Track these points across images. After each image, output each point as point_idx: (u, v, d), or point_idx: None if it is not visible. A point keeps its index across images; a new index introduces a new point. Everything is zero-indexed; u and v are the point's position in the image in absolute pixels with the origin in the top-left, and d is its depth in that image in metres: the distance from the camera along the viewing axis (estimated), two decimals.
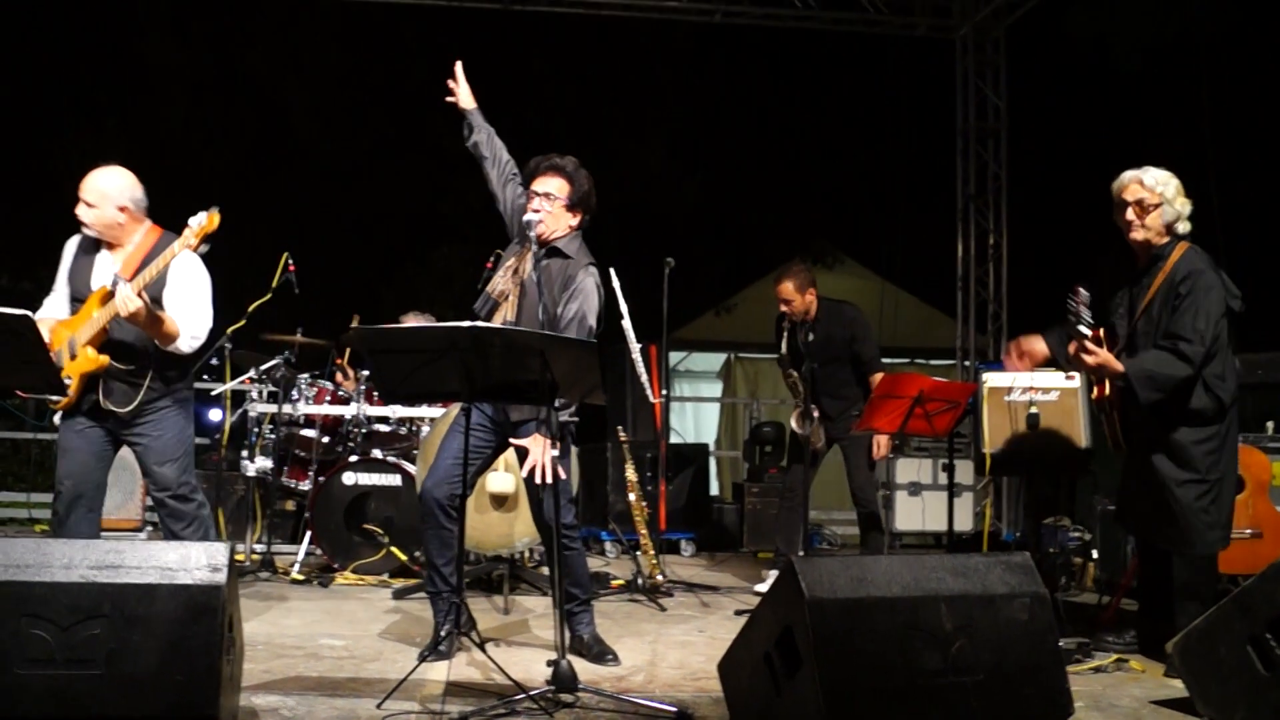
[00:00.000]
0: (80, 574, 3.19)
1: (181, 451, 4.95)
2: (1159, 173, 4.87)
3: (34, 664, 3.11)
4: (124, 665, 3.13)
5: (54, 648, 3.12)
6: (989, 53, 10.69)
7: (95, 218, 4.77)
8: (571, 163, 4.88)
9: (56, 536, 4.74)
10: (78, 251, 4.92)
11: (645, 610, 6.17)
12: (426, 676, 4.23)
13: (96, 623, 3.15)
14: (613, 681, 4.39)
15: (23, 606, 3.14)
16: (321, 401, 7.41)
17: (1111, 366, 4.73)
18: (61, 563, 3.22)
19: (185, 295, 4.82)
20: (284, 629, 5.29)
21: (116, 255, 4.86)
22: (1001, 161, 10.69)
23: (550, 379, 3.84)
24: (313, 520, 6.92)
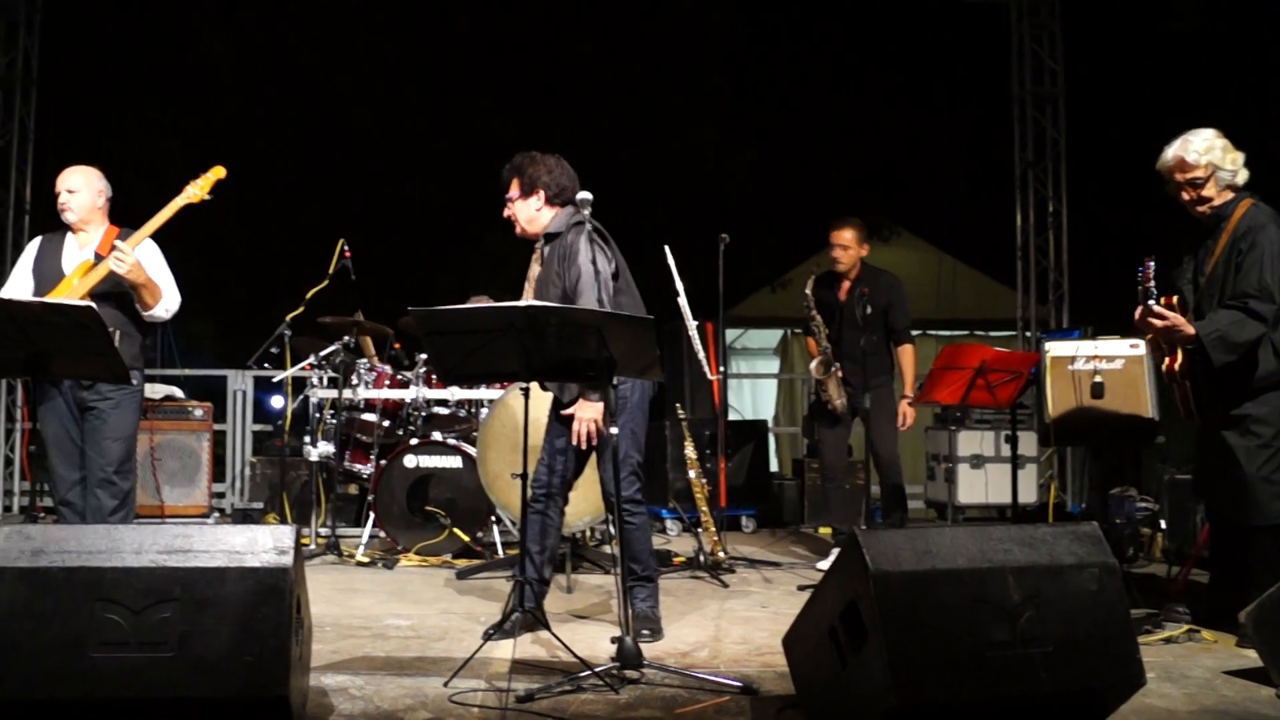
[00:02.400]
0: (150, 558, 3.24)
1: (132, 432, 5.36)
2: (1199, 141, 4.77)
3: (108, 647, 3.16)
4: (195, 647, 3.17)
5: (127, 631, 3.17)
6: (1044, 16, 10.50)
7: (79, 203, 5.31)
8: (520, 157, 4.98)
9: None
10: (41, 247, 5.41)
11: (708, 587, 6.17)
12: (492, 655, 4.25)
13: (168, 606, 3.19)
14: (677, 657, 4.40)
15: (96, 591, 3.19)
16: (381, 386, 7.46)
17: (1181, 330, 4.63)
18: (132, 548, 3.26)
19: (158, 269, 5.35)
20: (351, 610, 5.34)
21: (82, 241, 5.36)
22: (1060, 127, 10.51)
23: (607, 356, 3.84)
24: (375, 503, 6.99)
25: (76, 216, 5.31)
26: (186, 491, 8.32)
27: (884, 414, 6.72)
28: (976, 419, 8.92)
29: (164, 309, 5.32)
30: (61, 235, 5.39)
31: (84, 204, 5.31)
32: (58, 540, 3.28)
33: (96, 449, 5.19)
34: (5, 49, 10.03)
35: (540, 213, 4.90)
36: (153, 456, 8.14)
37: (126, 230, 5.38)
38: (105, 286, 5.10)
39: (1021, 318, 10.70)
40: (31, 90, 10.14)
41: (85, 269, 5.17)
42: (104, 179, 5.44)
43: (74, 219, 5.31)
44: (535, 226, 4.91)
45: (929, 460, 9.42)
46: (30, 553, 3.24)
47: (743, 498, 8.65)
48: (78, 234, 5.37)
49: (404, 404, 7.46)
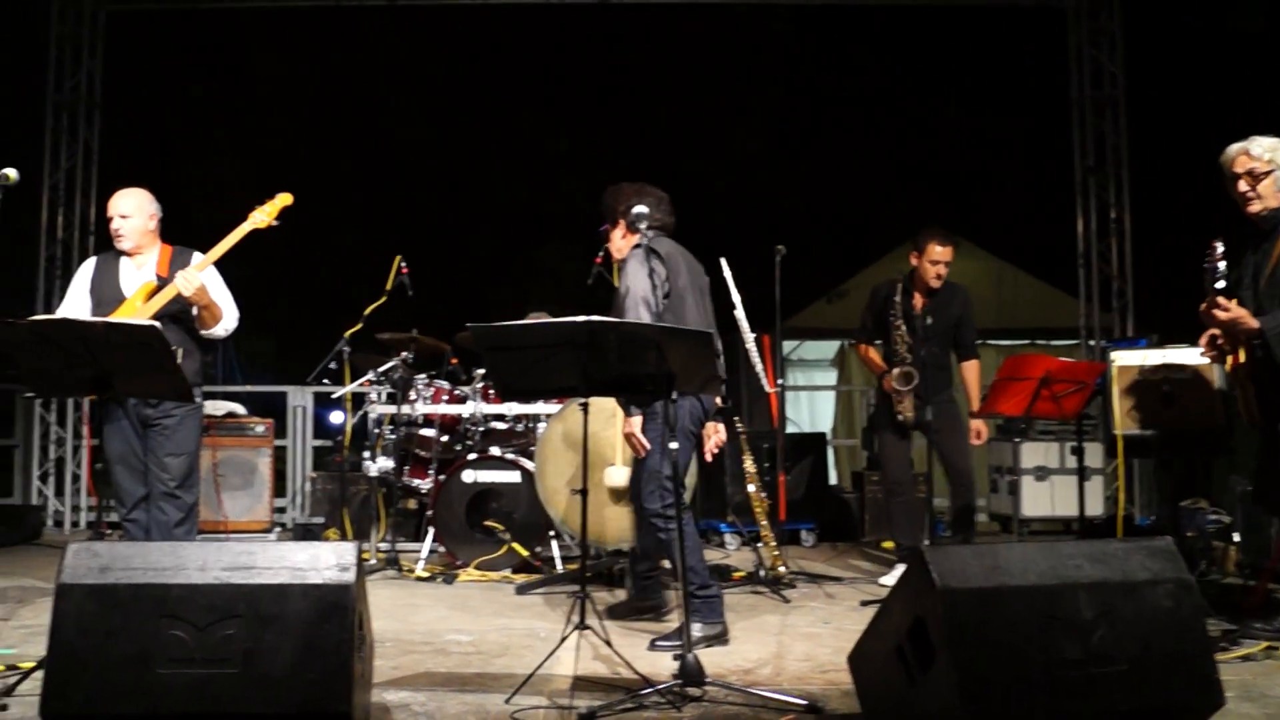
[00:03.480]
0: (215, 575, 3.25)
1: (194, 447, 5.43)
2: (1265, 140, 4.82)
3: (174, 663, 3.18)
4: (259, 664, 3.18)
5: (192, 647, 3.19)
6: (1103, 19, 10.36)
7: (131, 228, 5.38)
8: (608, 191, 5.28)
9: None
10: (97, 268, 5.49)
11: (768, 602, 6.11)
12: (554, 671, 4.23)
13: (232, 623, 3.20)
14: (740, 675, 4.35)
15: (162, 608, 3.21)
16: (439, 401, 7.48)
17: (1245, 323, 4.57)
18: (196, 564, 3.28)
19: (218, 290, 5.44)
20: (411, 626, 5.34)
21: (139, 263, 5.43)
22: (1120, 131, 10.34)
23: (667, 370, 3.81)
24: (435, 518, 7.01)
25: (131, 243, 5.40)
26: (249, 506, 8.39)
27: (955, 428, 6.60)
28: (1040, 430, 8.79)
29: (223, 328, 5.41)
30: (116, 256, 5.47)
31: (136, 228, 5.39)
32: (124, 557, 3.31)
33: (159, 465, 5.27)
34: (70, 73, 10.20)
35: (623, 241, 5.16)
36: (215, 472, 8.22)
37: (181, 249, 5.45)
38: (168, 307, 5.15)
39: (1084, 326, 10.54)
40: (95, 113, 10.30)
41: (148, 291, 5.24)
42: (154, 200, 5.50)
43: (128, 245, 5.40)
44: (620, 255, 5.14)
45: (992, 472, 9.30)
46: (98, 570, 3.28)
47: (802, 511, 8.58)
48: (133, 256, 5.44)
49: (462, 419, 7.47)
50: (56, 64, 10.23)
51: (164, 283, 5.23)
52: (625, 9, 10.44)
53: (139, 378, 4.31)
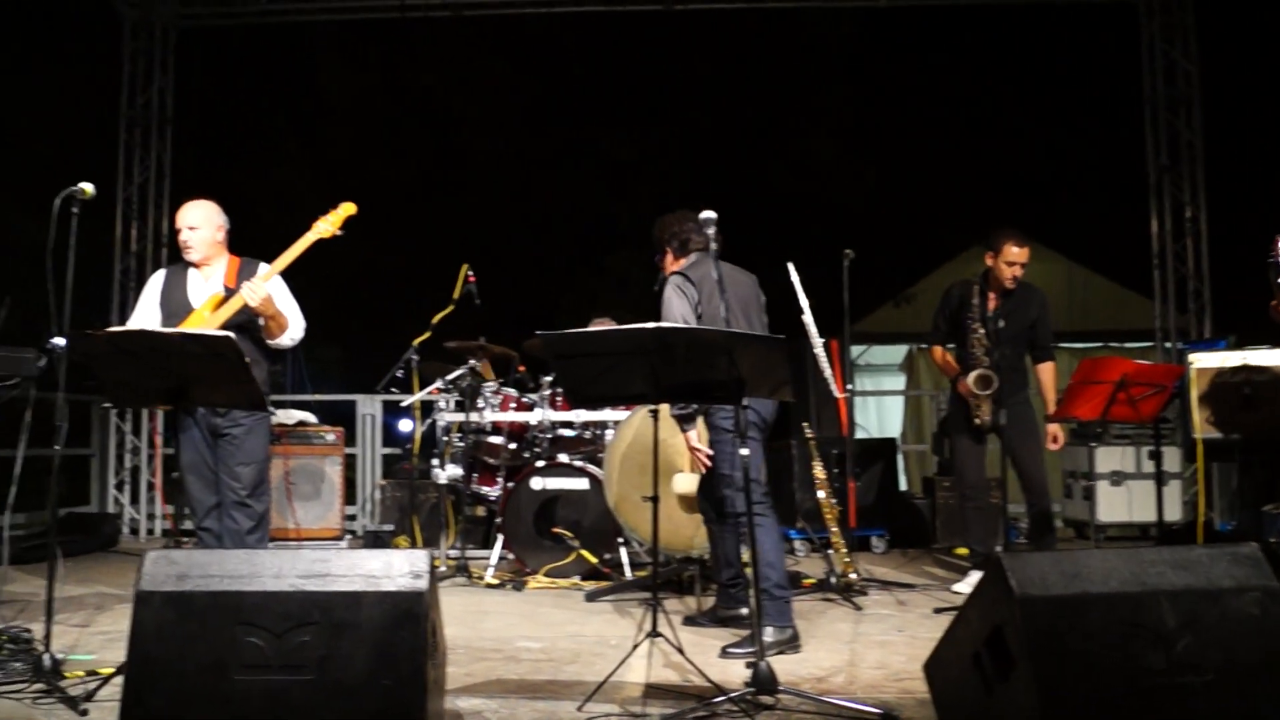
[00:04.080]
0: (290, 583, 3.27)
1: (264, 456, 5.46)
2: None
3: (250, 670, 3.21)
4: (334, 671, 3.20)
5: (268, 654, 3.21)
6: (1175, 14, 10.16)
7: (199, 239, 5.45)
8: (656, 224, 5.47)
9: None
10: (166, 280, 5.56)
11: (840, 609, 6.06)
12: (625, 679, 4.22)
13: (307, 630, 3.22)
14: (813, 683, 4.31)
15: (238, 615, 3.24)
16: (507, 408, 7.51)
17: None
18: (272, 572, 3.31)
19: (285, 300, 5.48)
20: (482, 632, 5.36)
21: (207, 274, 5.49)
22: (1195, 129, 10.14)
23: (737, 376, 3.79)
24: (503, 525, 7.03)
25: (199, 255, 5.46)
26: (320, 514, 8.46)
27: (1029, 432, 6.49)
28: (1116, 434, 8.64)
29: (289, 338, 5.47)
30: (184, 268, 5.53)
31: (204, 240, 5.45)
32: (201, 565, 3.34)
33: (230, 474, 5.32)
34: (142, 89, 10.38)
35: (672, 267, 5.29)
36: (287, 480, 8.30)
37: (248, 260, 5.51)
38: (235, 318, 5.21)
39: (1159, 328, 10.36)
40: (167, 128, 10.49)
41: (216, 302, 5.29)
42: (221, 212, 5.56)
43: (196, 257, 5.46)
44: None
45: (1066, 477, 9.16)
46: (176, 577, 3.31)
47: (872, 517, 8.51)
48: (201, 267, 5.50)
49: (530, 426, 7.49)
50: (129, 80, 10.43)
51: (230, 293, 5.28)
52: (691, 15, 10.42)
53: (214, 387, 4.36)
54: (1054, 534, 6.74)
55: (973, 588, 6.14)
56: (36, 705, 3.90)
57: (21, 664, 4.36)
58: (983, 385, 6.42)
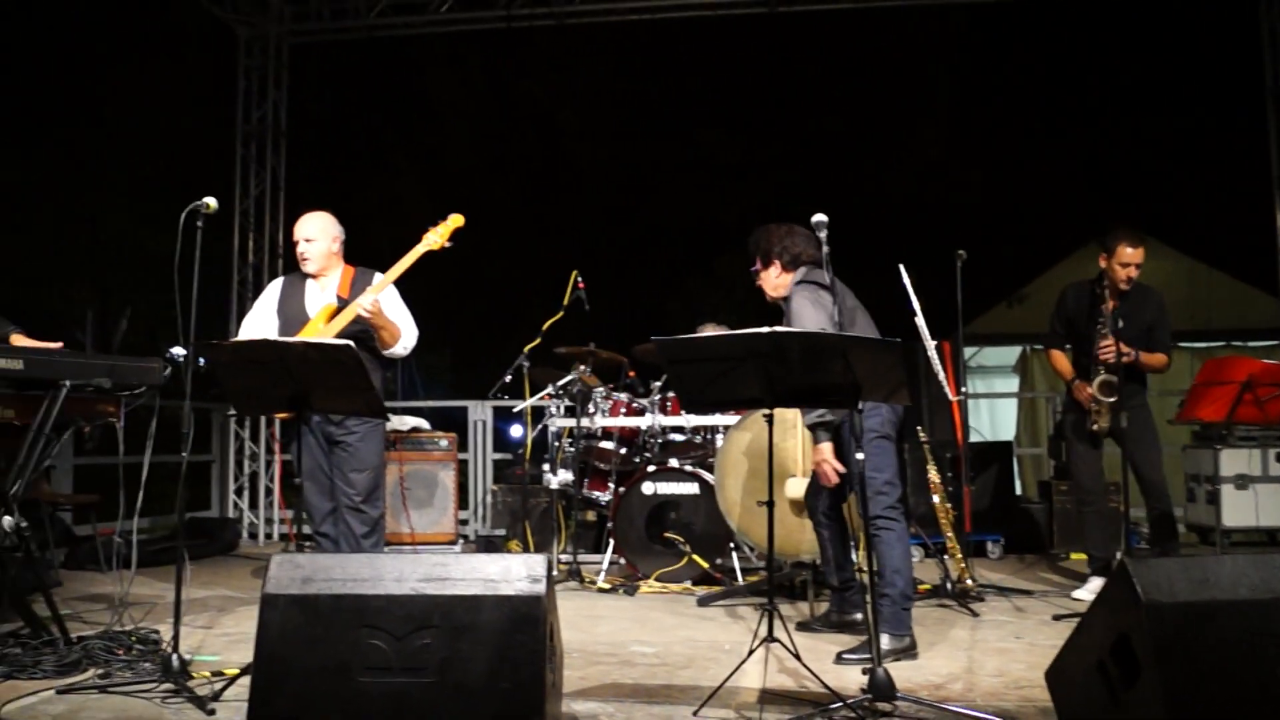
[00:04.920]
0: (411, 586, 3.33)
1: (378, 462, 5.55)
2: None
3: (373, 672, 3.27)
4: (454, 673, 3.24)
5: (390, 656, 3.27)
6: None
7: (315, 251, 5.59)
8: (756, 232, 5.41)
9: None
10: (283, 289, 5.70)
11: (956, 615, 5.97)
12: (740, 684, 4.20)
13: (428, 633, 3.27)
14: (930, 690, 4.25)
15: (361, 618, 3.30)
16: (617, 413, 7.54)
17: None
18: (393, 576, 3.36)
19: (397, 310, 5.58)
20: (595, 637, 5.38)
21: (322, 284, 5.62)
22: None
23: (853, 379, 3.76)
24: (615, 530, 7.06)
25: (315, 266, 5.60)
26: (434, 519, 8.57)
27: (1146, 435, 6.34)
28: (1241, 436, 8.38)
29: (402, 346, 5.56)
30: (301, 278, 5.68)
31: (320, 252, 5.59)
32: (325, 569, 3.41)
33: (345, 480, 5.44)
34: (257, 104, 10.64)
35: (780, 279, 5.25)
36: (402, 486, 8.43)
37: (362, 270, 5.63)
38: (349, 328, 5.31)
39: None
40: (281, 141, 10.73)
41: (330, 312, 5.42)
42: (337, 223, 5.69)
43: (313, 268, 5.61)
44: (779, 292, 5.26)
45: (1189, 481, 8.91)
46: (300, 580, 3.39)
47: (988, 522, 8.37)
48: (317, 278, 5.64)
49: (640, 431, 7.52)
50: (245, 96, 10.71)
51: (344, 304, 5.40)
52: (795, 17, 10.37)
53: (334, 395, 4.45)
54: (1177, 539, 6.56)
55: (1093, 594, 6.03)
56: (165, 704, 4.00)
57: (150, 664, 4.50)
58: (1107, 392, 6.28)
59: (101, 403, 5.13)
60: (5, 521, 4.55)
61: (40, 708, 3.98)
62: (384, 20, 10.54)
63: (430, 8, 10.41)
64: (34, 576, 5.06)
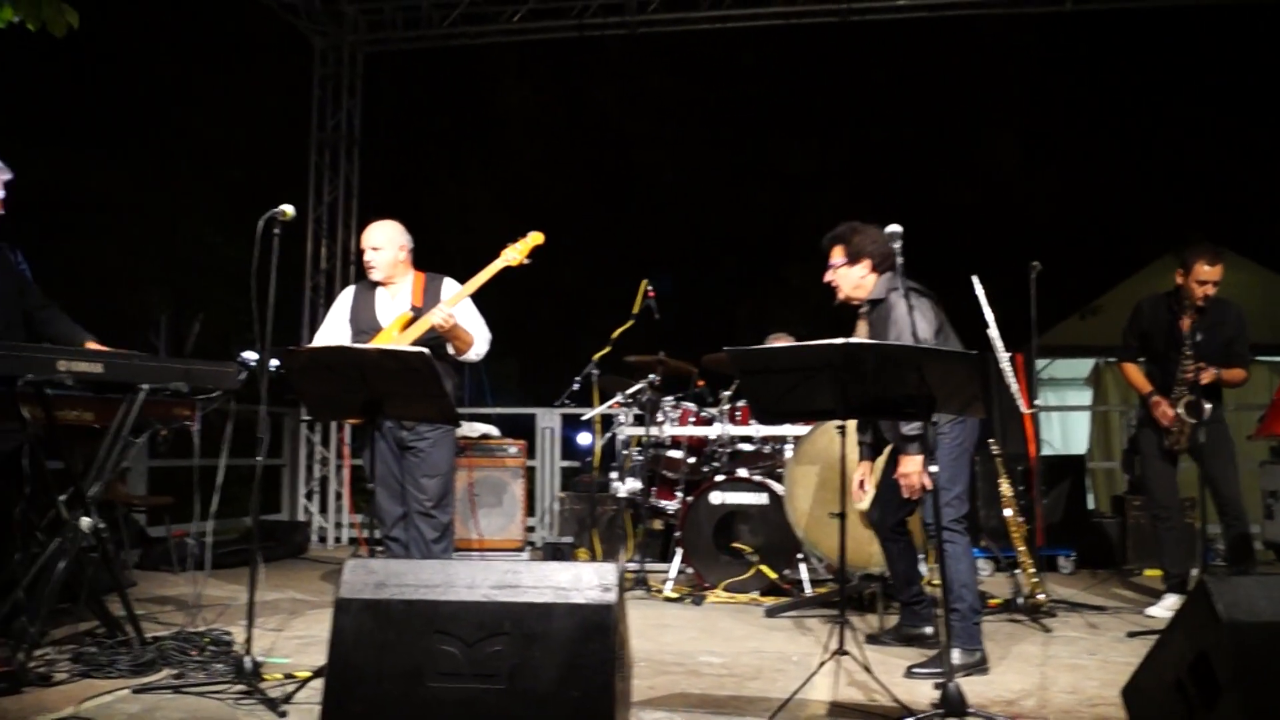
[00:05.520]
0: (483, 593, 3.34)
1: (448, 469, 5.60)
2: None
3: (444, 677, 3.28)
4: (525, 680, 3.25)
5: (462, 662, 3.28)
6: None
7: (382, 260, 5.63)
8: (843, 227, 5.21)
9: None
10: (355, 297, 5.75)
11: (1027, 631, 5.90)
12: (809, 696, 4.18)
13: (499, 640, 3.28)
14: (1002, 706, 4.20)
15: (433, 623, 3.32)
16: (686, 423, 7.53)
17: None
18: (465, 582, 3.38)
19: (471, 318, 5.63)
20: (663, 646, 5.38)
21: (394, 292, 5.66)
22: None
23: (927, 392, 3.73)
24: (683, 539, 7.05)
25: (382, 274, 5.66)
26: (502, 525, 8.61)
27: (1224, 452, 6.24)
28: None
29: (475, 353, 5.62)
30: (371, 286, 5.74)
31: (386, 260, 5.64)
32: (398, 574, 3.44)
33: (416, 486, 5.49)
34: (331, 112, 10.78)
35: (865, 279, 5.12)
36: (471, 492, 8.48)
37: (433, 276, 5.68)
38: (424, 337, 5.35)
39: None
40: (354, 149, 10.85)
41: (404, 321, 5.47)
42: (405, 233, 5.73)
43: (379, 276, 5.66)
44: (861, 292, 5.12)
45: (1266, 497, 8.71)
46: (373, 585, 3.41)
47: (1060, 536, 8.26)
48: (387, 285, 5.69)
49: (709, 441, 7.51)
50: (319, 104, 10.83)
51: (418, 312, 5.45)
52: (867, 25, 10.31)
53: (408, 401, 4.48)
54: (1254, 557, 6.43)
55: (1169, 612, 5.95)
56: (238, 706, 4.05)
57: (223, 665, 4.56)
58: (1193, 413, 6.18)
59: (177, 406, 5.22)
60: (83, 522, 4.64)
61: (117, 706, 4.04)
62: (457, 30, 10.63)
63: (503, 17, 10.49)
64: (110, 577, 5.14)
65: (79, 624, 5.08)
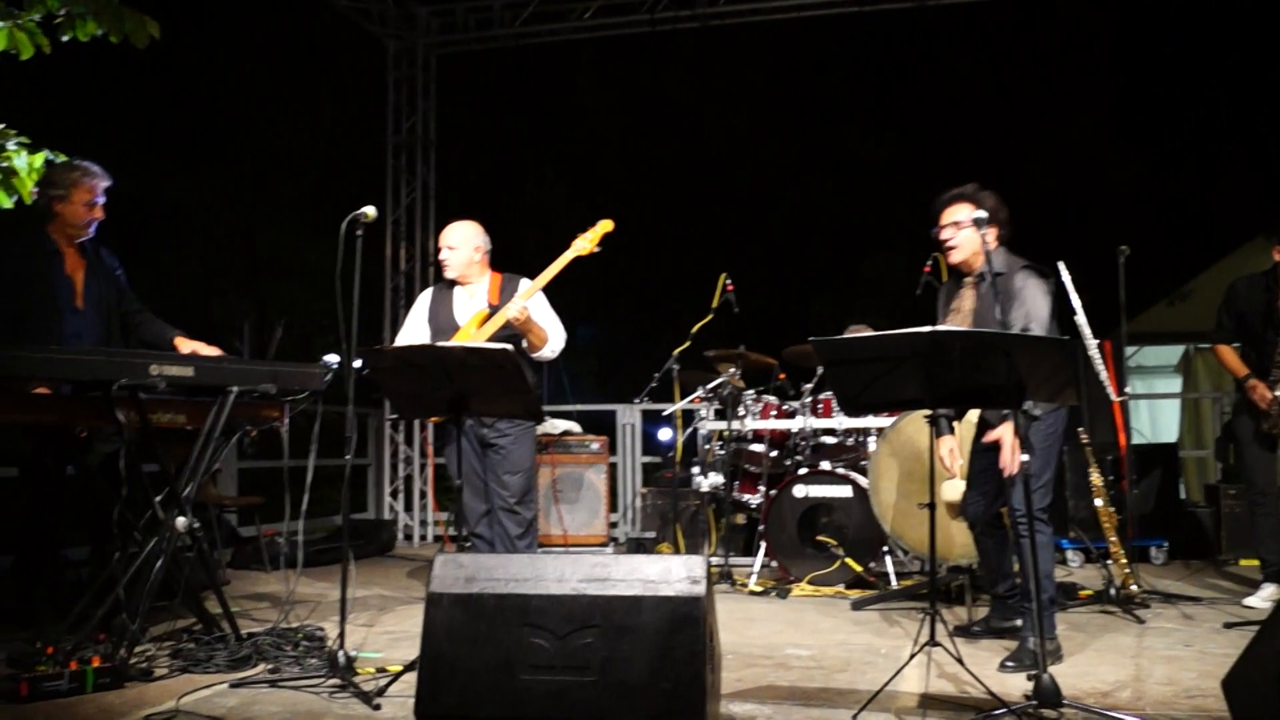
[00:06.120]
0: (572, 587, 3.36)
1: (530, 465, 5.66)
2: None
3: (535, 670, 3.32)
4: (616, 673, 3.27)
5: (552, 655, 3.32)
6: None
7: (457, 260, 5.72)
8: (971, 187, 4.97)
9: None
10: (433, 298, 5.83)
11: (1120, 622, 5.79)
12: (900, 688, 4.14)
13: (589, 632, 3.31)
14: (1097, 697, 4.13)
15: (524, 617, 3.36)
16: (768, 416, 7.51)
17: None
18: (555, 576, 3.41)
19: (545, 314, 5.67)
20: (749, 639, 5.36)
21: (471, 292, 5.73)
22: None
23: (1017, 379, 3.67)
24: (766, 533, 7.03)
25: (456, 273, 5.73)
26: (586, 521, 8.64)
27: None
28: None
29: (550, 350, 5.65)
30: (449, 286, 5.81)
31: (461, 260, 5.71)
32: (488, 569, 3.47)
33: (499, 482, 5.57)
34: (406, 115, 10.88)
35: (986, 248, 4.74)
36: (554, 488, 8.52)
37: (509, 276, 5.73)
38: (500, 333, 5.41)
39: None
40: (431, 151, 10.94)
41: (481, 318, 5.52)
42: (482, 233, 5.79)
43: (454, 275, 5.74)
44: (979, 260, 4.85)
45: None
46: (464, 580, 3.45)
47: (1151, 527, 8.11)
48: (464, 285, 5.76)
49: (791, 434, 7.47)
50: (394, 107, 10.94)
51: (495, 310, 5.51)
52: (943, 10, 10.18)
53: (493, 399, 4.52)
54: None
55: (1268, 602, 5.83)
56: (333, 699, 4.11)
57: (317, 660, 4.63)
58: None
59: (266, 407, 5.32)
60: (179, 522, 4.73)
61: (215, 700, 4.12)
62: (529, 29, 10.67)
63: (574, 14, 10.51)
64: (206, 575, 5.25)
65: (177, 621, 5.18)
